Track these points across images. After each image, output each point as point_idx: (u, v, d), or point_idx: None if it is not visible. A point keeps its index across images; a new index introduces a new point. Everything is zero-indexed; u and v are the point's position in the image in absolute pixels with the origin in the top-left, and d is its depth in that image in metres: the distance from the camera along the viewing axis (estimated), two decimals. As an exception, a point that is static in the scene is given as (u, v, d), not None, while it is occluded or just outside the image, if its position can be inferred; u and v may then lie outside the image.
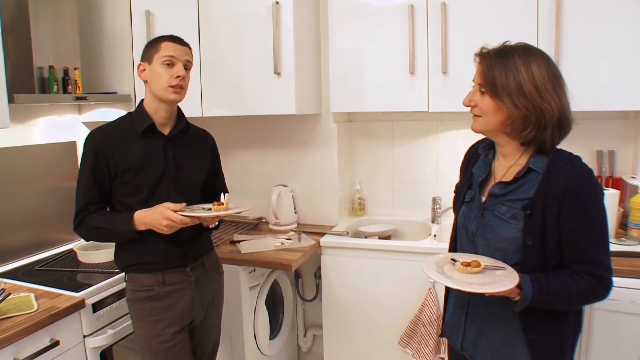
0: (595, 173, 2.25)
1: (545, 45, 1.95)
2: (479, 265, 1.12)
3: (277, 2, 2.15)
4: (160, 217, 1.46)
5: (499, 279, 1.08)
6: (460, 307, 1.29)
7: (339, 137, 2.54)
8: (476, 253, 1.22)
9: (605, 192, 1.99)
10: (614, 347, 1.75)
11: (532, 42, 1.94)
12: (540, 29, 1.98)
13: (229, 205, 1.57)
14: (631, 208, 2.00)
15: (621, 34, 1.90)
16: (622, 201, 2.13)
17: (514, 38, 1.25)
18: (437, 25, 2.10)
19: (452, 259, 1.17)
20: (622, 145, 2.25)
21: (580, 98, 1.92)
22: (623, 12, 1.88)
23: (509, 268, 1.12)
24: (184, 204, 1.50)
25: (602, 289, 1.13)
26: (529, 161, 1.16)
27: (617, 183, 2.22)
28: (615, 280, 1.70)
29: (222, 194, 1.63)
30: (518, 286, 1.08)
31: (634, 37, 1.88)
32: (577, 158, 1.16)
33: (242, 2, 2.23)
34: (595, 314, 1.77)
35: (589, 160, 2.25)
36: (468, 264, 1.12)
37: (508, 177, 1.19)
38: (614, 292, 1.70)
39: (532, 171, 1.15)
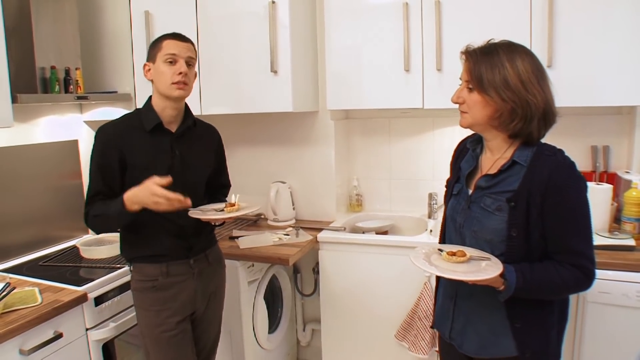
0: (590, 168, 2.29)
1: (539, 42, 1.98)
2: (464, 255, 1.15)
3: (273, 2, 2.18)
4: (147, 192, 1.44)
5: (484, 269, 1.11)
6: (448, 297, 1.33)
7: (336, 134, 2.57)
8: (464, 244, 1.25)
9: (597, 185, 2.03)
10: (606, 339, 1.77)
11: (526, 39, 2.00)
12: (533, 26, 2.00)
13: (240, 205, 1.62)
14: (625, 202, 2.02)
15: (615, 30, 1.91)
16: (617, 195, 2.15)
17: (508, 35, 1.27)
18: (431, 23, 2.13)
19: (439, 249, 1.21)
20: (616, 140, 2.27)
21: (576, 94, 1.98)
22: (617, 7, 1.90)
23: (494, 259, 1.16)
24: (169, 178, 1.46)
25: (585, 280, 1.16)
26: (513, 154, 1.19)
27: (612, 178, 2.24)
28: (608, 273, 1.75)
29: (233, 195, 1.69)
30: (502, 276, 1.12)
31: (628, 31, 1.89)
32: (560, 151, 1.19)
33: (239, 2, 2.26)
34: (588, 307, 1.79)
35: (584, 155, 2.30)
36: (454, 254, 1.16)
37: (493, 170, 1.22)
38: (606, 285, 1.75)
39: (516, 164, 1.18)
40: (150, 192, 1.43)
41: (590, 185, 2.04)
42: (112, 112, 2.34)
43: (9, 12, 1.92)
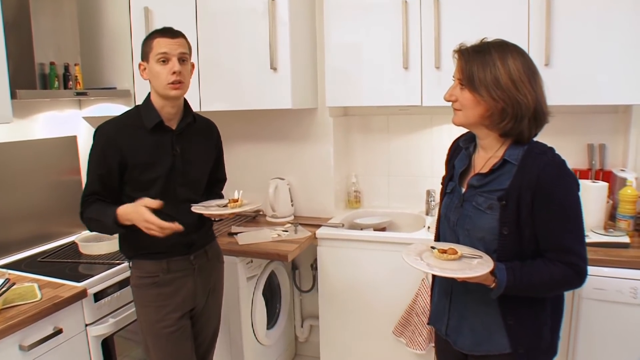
0: (586, 166, 2.31)
1: (536, 41, 1.99)
2: (455, 252, 1.16)
3: (272, -1, 2.19)
4: (139, 217, 1.46)
5: (474, 267, 1.12)
6: (444, 294, 1.34)
7: (335, 131, 2.58)
8: (458, 242, 1.26)
9: (593, 183, 2.05)
10: (600, 335, 1.80)
11: (524, 37, 2.01)
12: (531, 25, 2.01)
13: (243, 201, 1.64)
14: (620, 200, 2.04)
15: (613, 29, 1.92)
16: (612, 193, 2.17)
17: (506, 33, 1.28)
18: (430, 21, 2.14)
19: (432, 247, 1.22)
20: (612, 138, 2.29)
21: (573, 92, 1.99)
22: (615, 7, 1.90)
23: (486, 257, 1.17)
24: (160, 202, 1.48)
25: (576, 277, 1.17)
26: (505, 153, 1.20)
27: (608, 176, 2.26)
28: (602, 270, 1.78)
29: (236, 191, 1.70)
30: (492, 273, 1.13)
31: (626, 30, 1.90)
32: (551, 149, 1.20)
33: (239, -2, 2.27)
34: (582, 303, 1.81)
35: (580, 153, 2.32)
36: (444, 251, 1.17)
37: (485, 169, 1.23)
38: (601, 282, 1.77)
39: (507, 163, 1.19)
40: (143, 219, 1.45)
41: (586, 183, 2.07)
42: (111, 108, 2.34)
43: (8, 8, 1.91)
